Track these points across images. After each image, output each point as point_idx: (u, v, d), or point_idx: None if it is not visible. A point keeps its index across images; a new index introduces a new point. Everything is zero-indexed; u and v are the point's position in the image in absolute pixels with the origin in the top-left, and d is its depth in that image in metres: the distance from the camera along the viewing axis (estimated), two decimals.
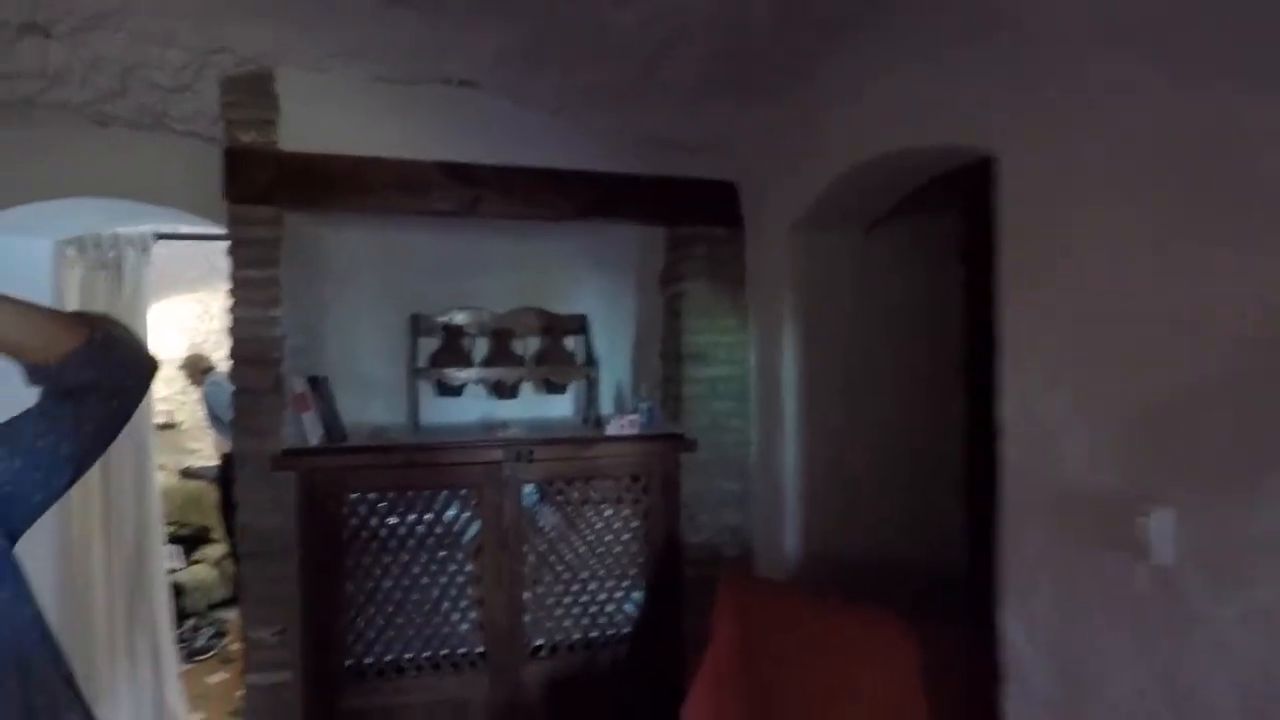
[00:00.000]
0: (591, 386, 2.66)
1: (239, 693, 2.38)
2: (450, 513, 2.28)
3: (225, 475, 4.11)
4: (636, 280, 2.81)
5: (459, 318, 2.57)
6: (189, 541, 4.79)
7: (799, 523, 2.32)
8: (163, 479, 4.89)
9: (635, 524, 2.43)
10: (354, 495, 2.21)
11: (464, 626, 2.29)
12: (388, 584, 2.24)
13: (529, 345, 2.66)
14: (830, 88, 2.04)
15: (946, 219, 2.38)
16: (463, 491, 2.28)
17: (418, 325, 2.54)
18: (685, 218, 2.51)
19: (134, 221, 2.87)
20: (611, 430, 2.39)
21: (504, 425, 2.44)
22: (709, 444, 2.48)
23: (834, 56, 1.95)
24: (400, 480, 2.22)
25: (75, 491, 1.07)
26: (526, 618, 2.33)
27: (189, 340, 5.75)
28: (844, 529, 2.32)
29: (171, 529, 4.44)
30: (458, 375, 2.50)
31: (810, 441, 2.33)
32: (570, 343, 2.68)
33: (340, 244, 2.52)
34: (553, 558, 2.37)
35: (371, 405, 2.53)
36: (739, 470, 2.52)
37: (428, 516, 2.25)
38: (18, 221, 2.46)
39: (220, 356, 5.53)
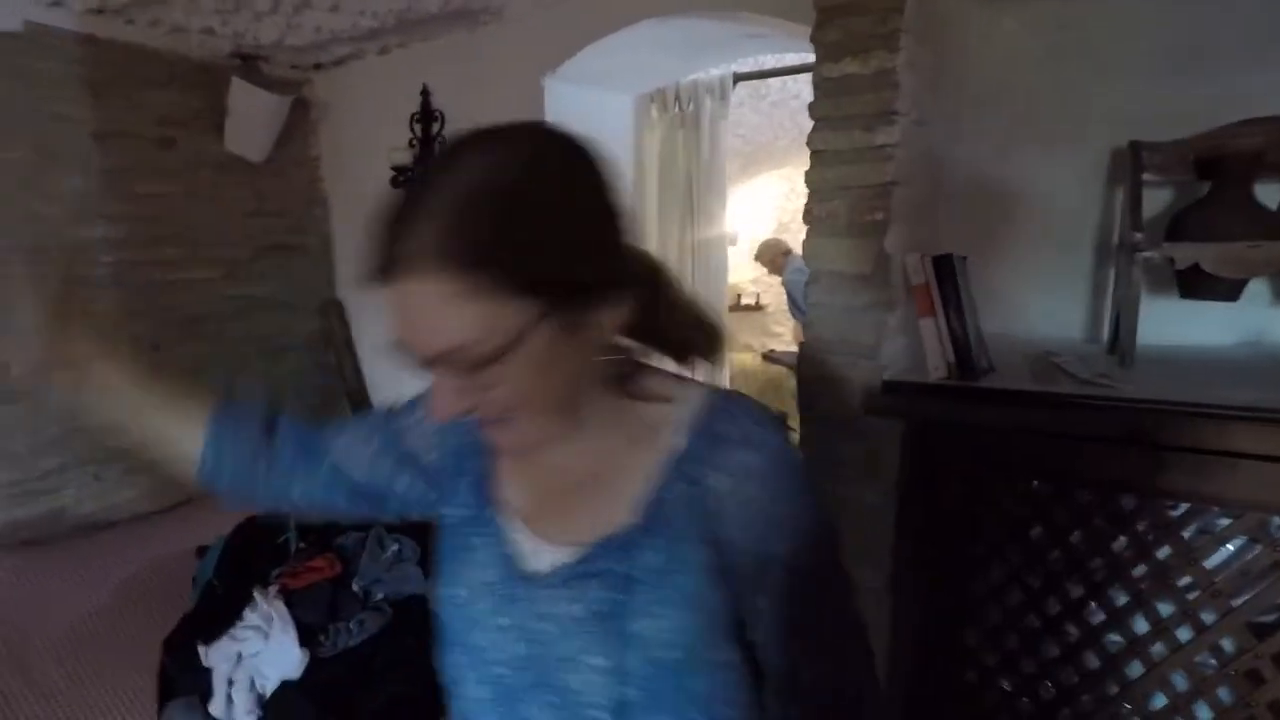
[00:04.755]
0: None
1: None
2: (1226, 549, 1.05)
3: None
4: None
5: (1241, 140, 1.21)
6: None
7: None
8: (748, 359, 4.83)
9: None
10: (1001, 480, 1.19)
11: None
12: (1052, 651, 1.20)
13: None
14: None
15: None
16: (1245, 515, 1.02)
17: (1138, 160, 1.31)
18: None
19: (711, 59, 2.29)
20: None
21: None
22: None
23: None
24: (1105, 466, 1.09)
25: None
26: None
27: (777, 221, 5.51)
28: None
29: None
30: (1242, 254, 1.18)
31: None
32: None
33: (987, 26, 1.45)
34: None
35: (1027, 307, 1.45)
36: None
37: (1163, 551, 1.08)
38: (600, 71, 2.11)
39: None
